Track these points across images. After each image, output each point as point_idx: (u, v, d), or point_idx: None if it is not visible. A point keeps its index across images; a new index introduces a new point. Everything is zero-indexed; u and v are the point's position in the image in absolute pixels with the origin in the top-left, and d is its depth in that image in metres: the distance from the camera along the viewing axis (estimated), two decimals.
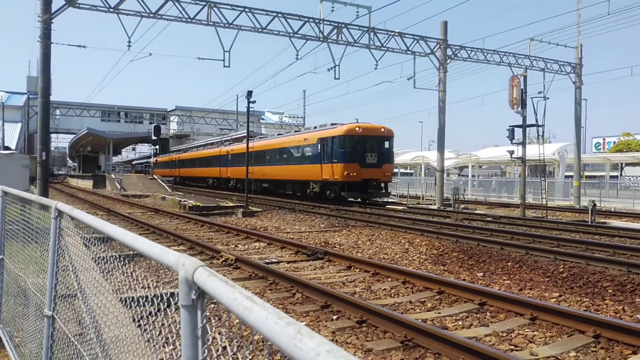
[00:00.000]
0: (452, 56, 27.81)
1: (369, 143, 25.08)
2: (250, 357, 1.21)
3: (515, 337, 5.73)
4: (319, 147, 25.94)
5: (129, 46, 21.68)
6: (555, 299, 7.49)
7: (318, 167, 25.91)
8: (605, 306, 7.16)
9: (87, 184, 49.18)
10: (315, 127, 28.63)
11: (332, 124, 26.64)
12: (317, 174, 25.98)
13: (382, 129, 25.91)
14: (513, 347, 5.41)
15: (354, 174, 24.05)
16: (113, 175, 46.45)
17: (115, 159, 77.58)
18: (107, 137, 56.87)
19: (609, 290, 8.07)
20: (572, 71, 29.69)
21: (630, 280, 8.32)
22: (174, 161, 57.23)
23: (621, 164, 53.71)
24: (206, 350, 1.32)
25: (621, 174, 50.92)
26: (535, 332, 5.87)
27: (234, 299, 1.09)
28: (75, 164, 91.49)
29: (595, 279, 8.61)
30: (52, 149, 78.93)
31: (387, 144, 25.92)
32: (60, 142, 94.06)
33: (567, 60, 29.73)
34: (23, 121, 56.70)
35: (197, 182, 50.60)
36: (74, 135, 66.98)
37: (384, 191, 26.13)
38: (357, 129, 24.91)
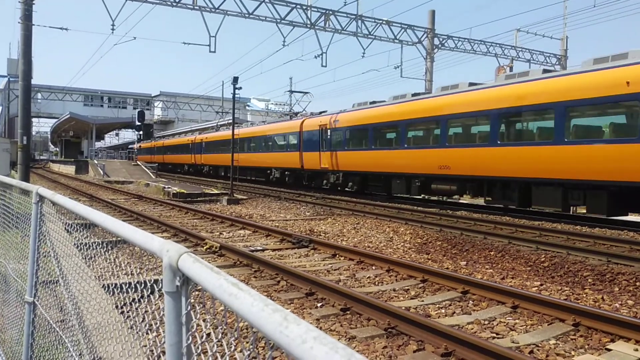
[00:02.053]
0: (439, 46, 27.86)
1: None
2: (235, 343, 1.20)
3: (497, 325, 5.81)
4: None
5: (112, 29, 21.38)
6: (536, 288, 7.60)
7: None
8: (585, 295, 7.29)
9: (70, 169, 48.56)
10: None
11: None
12: None
13: None
14: (495, 334, 5.49)
15: None
16: (96, 161, 45.88)
17: (98, 144, 76.59)
18: (89, 122, 56.03)
19: (589, 280, 8.21)
20: (557, 63, 29.97)
21: (609, 269, 8.47)
22: (196, 144, 44.25)
23: None
24: (190, 337, 1.30)
25: None
26: (517, 320, 5.96)
27: (219, 286, 1.07)
28: (57, 149, 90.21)
29: (576, 269, 8.74)
30: (34, 133, 77.70)
31: None
32: (42, 126, 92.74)
33: (553, 52, 30.03)
34: (3, 105, 55.53)
35: (242, 173, 33.46)
36: (56, 120, 65.94)
37: None
38: None
